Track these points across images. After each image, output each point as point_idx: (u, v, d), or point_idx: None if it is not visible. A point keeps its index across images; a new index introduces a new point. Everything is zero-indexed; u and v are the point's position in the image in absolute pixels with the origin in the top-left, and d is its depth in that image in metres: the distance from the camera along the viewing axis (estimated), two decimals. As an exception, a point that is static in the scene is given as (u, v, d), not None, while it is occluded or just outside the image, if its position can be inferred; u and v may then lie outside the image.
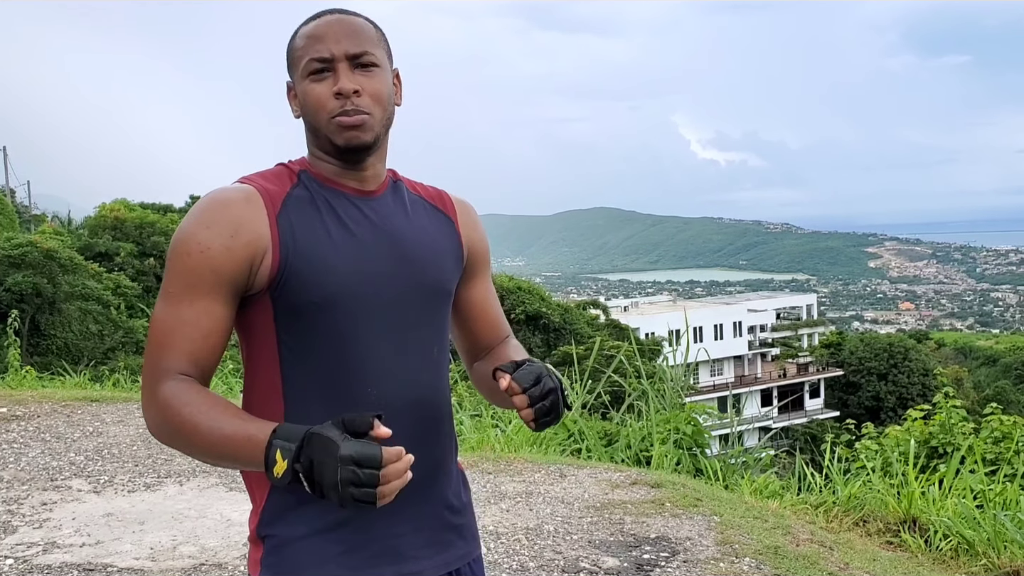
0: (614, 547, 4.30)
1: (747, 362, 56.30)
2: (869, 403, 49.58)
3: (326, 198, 1.58)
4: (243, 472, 1.61)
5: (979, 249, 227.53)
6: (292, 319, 1.54)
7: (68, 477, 5.43)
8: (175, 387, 1.46)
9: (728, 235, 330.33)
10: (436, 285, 1.66)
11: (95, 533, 4.47)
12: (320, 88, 1.55)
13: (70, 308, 22.71)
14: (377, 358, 1.56)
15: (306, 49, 1.57)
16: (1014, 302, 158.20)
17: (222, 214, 1.50)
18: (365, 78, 1.56)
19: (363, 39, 1.58)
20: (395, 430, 1.48)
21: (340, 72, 1.55)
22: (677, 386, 7.44)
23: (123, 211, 30.90)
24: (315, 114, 1.56)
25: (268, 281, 1.52)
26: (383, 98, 1.59)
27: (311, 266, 1.52)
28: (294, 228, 1.53)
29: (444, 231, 1.71)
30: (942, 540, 4.66)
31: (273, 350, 1.56)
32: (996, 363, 59.99)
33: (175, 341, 1.49)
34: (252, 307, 1.55)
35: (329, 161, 1.60)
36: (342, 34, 1.56)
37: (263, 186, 1.56)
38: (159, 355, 1.49)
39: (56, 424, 6.77)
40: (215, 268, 1.49)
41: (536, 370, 1.53)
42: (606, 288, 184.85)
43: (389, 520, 1.57)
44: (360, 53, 1.56)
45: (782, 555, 4.15)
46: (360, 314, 1.55)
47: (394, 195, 1.67)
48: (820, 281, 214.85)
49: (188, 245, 1.50)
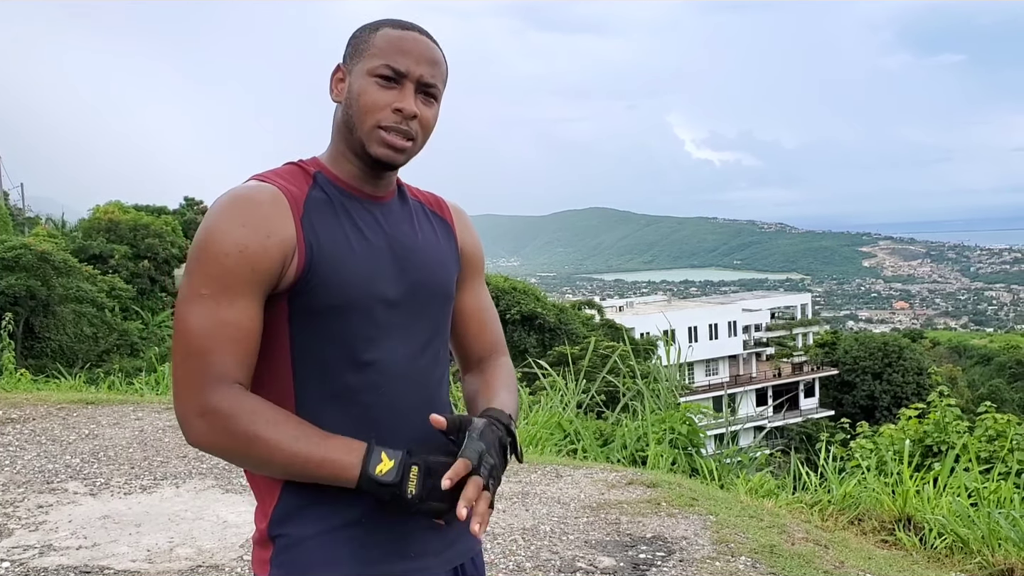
0: (610, 547, 4.31)
1: (742, 361, 56.35)
2: (864, 402, 49.68)
3: (342, 202, 1.59)
4: (251, 474, 1.61)
5: (973, 248, 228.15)
6: (307, 321, 1.54)
7: (64, 480, 5.42)
8: (234, 397, 1.46)
9: (722, 235, 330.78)
10: (442, 288, 1.69)
11: (91, 535, 4.47)
12: (383, 95, 1.56)
13: (64, 311, 22.69)
14: (388, 360, 1.58)
15: (386, 53, 1.57)
16: (1008, 301, 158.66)
17: (255, 213, 1.49)
18: (425, 107, 1.60)
19: (439, 73, 1.62)
20: (405, 430, 1.58)
21: (407, 91, 1.57)
22: (671, 386, 7.45)
23: (117, 213, 30.85)
24: (363, 114, 1.56)
25: (292, 283, 1.52)
26: (429, 130, 1.62)
27: (333, 269, 1.53)
28: (317, 231, 1.54)
29: (444, 236, 1.75)
30: (937, 538, 4.67)
31: (286, 352, 1.56)
32: (990, 362, 60.15)
33: (220, 345, 1.46)
34: (267, 309, 1.55)
35: (351, 161, 1.61)
36: (425, 59, 1.59)
37: (285, 187, 1.55)
38: (205, 361, 1.46)
39: (52, 427, 6.76)
40: (255, 267, 1.47)
41: (478, 448, 1.51)
42: (601, 288, 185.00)
43: (398, 518, 1.59)
44: (432, 84, 1.60)
45: (778, 554, 4.17)
46: (373, 317, 1.57)
47: (401, 201, 1.70)
48: (815, 280, 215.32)
49: (224, 244, 1.47)
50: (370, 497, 1.50)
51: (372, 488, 1.46)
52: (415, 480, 1.45)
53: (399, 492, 1.45)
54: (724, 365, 55.09)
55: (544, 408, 7.42)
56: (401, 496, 1.45)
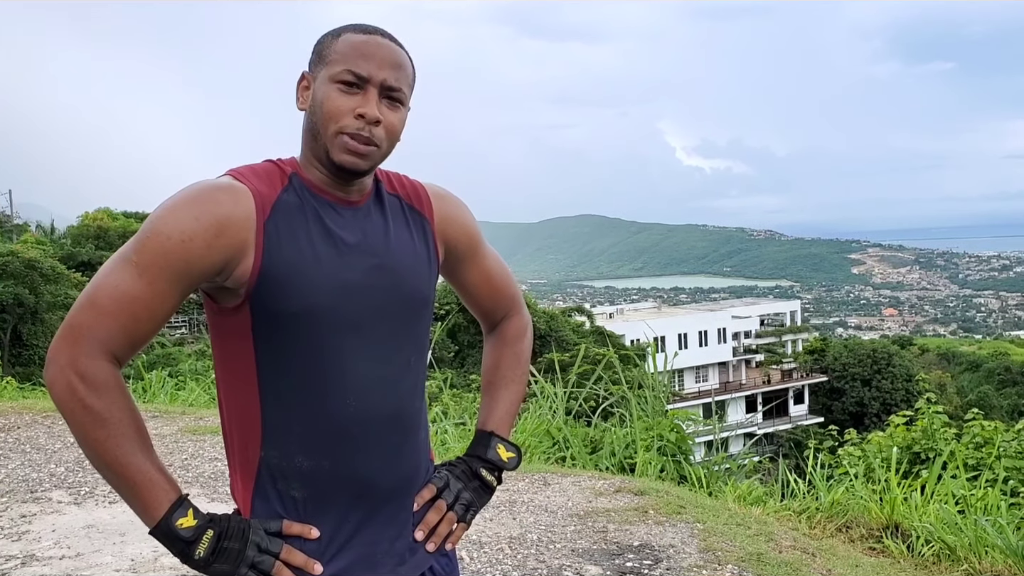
0: (597, 555, 4.30)
1: (732, 368, 56.43)
2: (853, 409, 49.83)
3: (314, 206, 1.58)
4: (232, 483, 1.63)
5: (961, 255, 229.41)
6: (271, 328, 1.53)
7: (48, 489, 5.38)
8: (110, 373, 1.47)
9: (712, 242, 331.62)
10: (414, 295, 1.66)
11: (75, 545, 4.43)
12: (344, 100, 1.54)
13: (53, 318, 22.57)
14: (356, 369, 1.57)
15: (348, 58, 1.55)
16: (996, 307, 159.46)
17: (213, 210, 1.48)
18: (389, 111, 1.57)
19: (402, 75, 1.59)
20: (373, 441, 1.59)
21: (370, 96, 1.55)
22: (659, 393, 7.45)
23: (106, 220, 30.78)
24: (325, 121, 1.55)
25: (245, 285, 1.51)
26: (395, 135, 1.60)
27: (292, 275, 1.51)
28: (280, 235, 1.53)
29: (420, 235, 1.71)
30: (924, 546, 4.68)
31: (250, 360, 1.55)
32: (979, 368, 60.38)
33: (122, 314, 1.47)
34: (231, 316, 1.54)
35: (319, 168, 1.60)
36: (388, 62, 1.56)
37: (256, 187, 1.54)
38: (98, 319, 1.47)
39: (36, 435, 6.72)
40: (190, 260, 1.47)
41: (453, 493, 1.75)
42: (591, 295, 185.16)
43: (367, 529, 1.60)
44: (396, 88, 1.57)
45: (765, 562, 4.16)
46: (339, 325, 1.55)
47: (376, 203, 1.67)
48: (804, 287, 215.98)
49: (170, 228, 1.47)
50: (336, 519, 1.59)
51: (166, 535, 1.48)
52: (206, 543, 1.48)
53: (188, 551, 1.48)
54: (714, 372, 55.17)
55: (533, 415, 7.41)
56: (188, 555, 1.48)
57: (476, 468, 1.80)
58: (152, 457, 1.50)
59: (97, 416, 1.45)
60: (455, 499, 1.74)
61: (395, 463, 1.63)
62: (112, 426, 1.46)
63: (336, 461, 1.56)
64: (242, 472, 1.59)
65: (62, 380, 1.46)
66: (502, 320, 1.94)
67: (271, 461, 1.56)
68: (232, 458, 1.62)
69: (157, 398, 8.83)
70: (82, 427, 1.46)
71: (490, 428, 1.85)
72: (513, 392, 1.89)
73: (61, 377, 1.46)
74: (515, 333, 1.94)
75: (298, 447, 1.55)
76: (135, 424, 1.49)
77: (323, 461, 1.56)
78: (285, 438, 1.56)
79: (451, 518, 1.73)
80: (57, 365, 1.47)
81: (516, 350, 1.93)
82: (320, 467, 1.56)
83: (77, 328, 1.47)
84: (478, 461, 1.81)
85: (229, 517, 1.54)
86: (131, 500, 1.50)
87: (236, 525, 1.52)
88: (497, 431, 1.85)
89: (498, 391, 1.89)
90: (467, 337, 36.80)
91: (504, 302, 1.92)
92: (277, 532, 1.54)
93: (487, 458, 1.81)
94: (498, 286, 1.90)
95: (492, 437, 1.84)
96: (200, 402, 8.88)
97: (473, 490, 1.78)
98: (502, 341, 1.93)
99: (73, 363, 1.45)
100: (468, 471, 1.79)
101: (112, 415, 1.46)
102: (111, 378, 1.47)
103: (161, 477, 1.49)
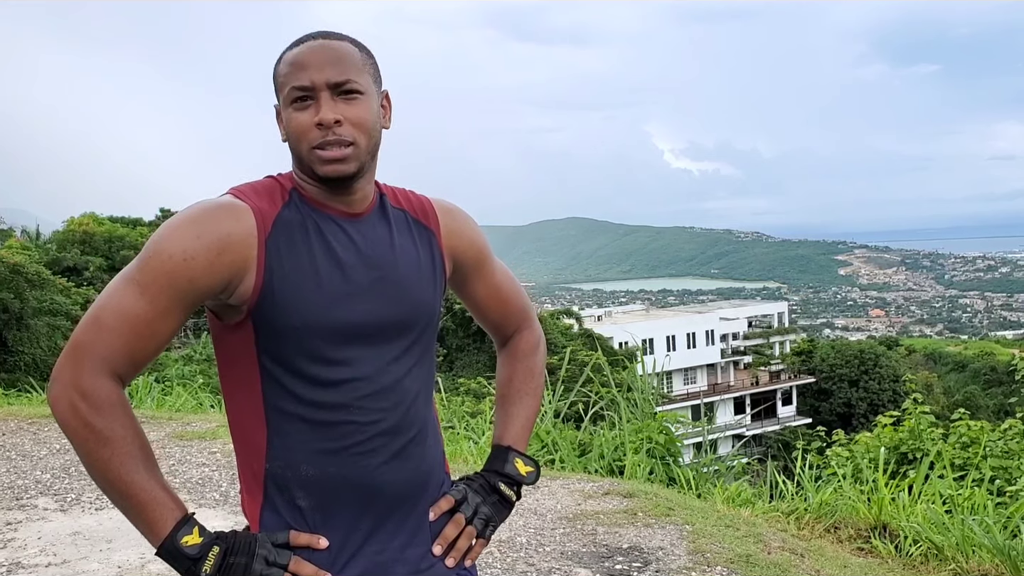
0: (586, 558, 4.30)
1: (720, 370, 56.56)
2: (841, 409, 50.00)
3: (315, 220, 1.58)
4: (241, 501, 1.64)
5: (947, 256, 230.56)
6: (274, 344, 1.54)
7: (34, 495, 5.35)
8: (113, 391, 1.47)
9: (700, 244, 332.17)
10: (418, 306, 1.66)
11: (61, 552, 4.40)
12: (302, 117, 1.54)
13: (38, 324, 22.42)
14: (357, 382, 1.57)
15: (289, 76, 1.55)
16: (982, 308, 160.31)
17: (215, 229, 1.49)
18: (348, 106, 1.54)
19: (346, 66, 1.55)
20: (380, 452, 1.60)
21: (322, 101, 1.53)
22: (648, 395, 7.45)
23: (92, 225, 30.64)
24: (297, 143, 1.56)
25: (247, 302, 1.52)
26: (367, 126, 1.57)
27: (294, 290, 1.52)
28: (281, 252, 1.53)
29: (426, 249, 1.71)
30: (912, 546, 4.69)
31: (254, 373, 1.56)
32: (965, 368, 60.75)
33: (124, 332, 1.47)
34: (235, 331, 1.55)
35: (315, 186, 1.60)
36: (325, 62, 1.54)
37: (256, 205, 1.54)
38: (101, 337, 1.47)
39: (22, 442, 6.68)
40: (192, 279, 1.47)
41: (471, 507, 1.75)
42: (580, 298, 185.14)
43: (378, 537, 1.61)
44: (343, 82, 1.54)
45: (754, 563, 4.17)
46: (343, 339, 1.56)
47: (380, 215, 1.67)
48: (791, 289, 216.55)
49: (173, 248, 1.47)
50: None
51: (171, 553, 1.48)
52: (212, 560, 1.48)
53: (194, 569, 1.47)
54: (702, 374, 55.28)
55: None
56: (195, 573, 1.48)
57: (495, 483, 1.79)
58: (156, 475, 1.49)
59: (100, 435, 1.45)
60: (474, 513, 1.73)
61: (402, 470, 1.62)
62: (115, 445, 1.45)
63: (342, 467, 1.57)
64: (251, 486, 1.61)
65: (65, 399, 1.46)
66: (514, 334, 1.95)
67: (277, 471, 1.57)
68: (242, 474, 1.63)
69: (144, 404, 8.79)
70: (85, 446, 1.46)
71: (507, 443, 1.85)
72: (528, 406, 1.90)
73: (64, 396, 1.46)
74: (527, 347, 1.94)
75: (303, 456, 1.56)
76: (139, 442, 1.49)
77: (328, 468, 1.56)
78: (290, 448, 1.56)
79: (470, 532, 1.72)
80: (60, 384, 1.47)
81: (529, 364, 1.93)
82: (326, 474, 1.56)
83: (80, 347, 1.47)
84: (496, 476, 1.81)
85: (236, 533, 1.54)
86: (136, 519, 1.49)
87: (242, 540, 1.52)
88: (514, 445, 1.85)
89: (513, 406, 1.90)
90: (455, 341, 36.78)
91: (515, 316, 1.93)
92: (285, 543, 1.54)
93: (505, 472, 1.81)
94: (508, 300, 1.90)
95: (510, 452, 1.84)
96: (187, 407, 8.84)
97: (492, 505, 1.77)
98: (515, 356, 1.94)
99: (76, 382, 1.45)
100: (487, 485, 1.79)
101: (115, 433, 1.46)
102: (114, 396, 1.47)
103: (166, 496, 1.49)
